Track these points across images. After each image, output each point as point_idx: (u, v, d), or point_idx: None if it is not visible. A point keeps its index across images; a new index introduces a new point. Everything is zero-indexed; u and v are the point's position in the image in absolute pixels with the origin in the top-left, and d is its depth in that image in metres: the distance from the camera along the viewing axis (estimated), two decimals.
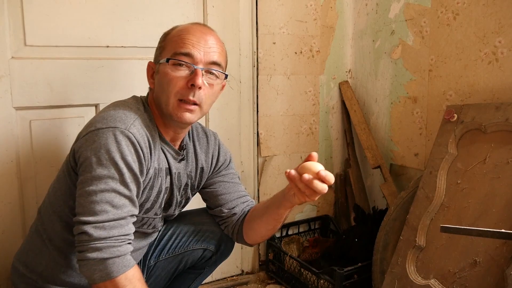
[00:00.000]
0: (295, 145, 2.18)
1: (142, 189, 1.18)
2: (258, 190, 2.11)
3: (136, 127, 1.14)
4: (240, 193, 1.44)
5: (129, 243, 1.10)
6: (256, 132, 2.07)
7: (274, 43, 2.04)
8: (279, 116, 2.11)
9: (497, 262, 1.38)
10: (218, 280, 2.06)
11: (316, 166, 1.07)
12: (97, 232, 1.04)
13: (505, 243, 1.38)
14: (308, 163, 1.08)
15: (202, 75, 1.18)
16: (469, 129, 1.60)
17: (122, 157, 1.09)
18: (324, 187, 1.06)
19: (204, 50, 1.19)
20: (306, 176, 1.05)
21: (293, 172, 1.08)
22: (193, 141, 1.39)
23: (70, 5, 1.57)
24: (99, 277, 1.04)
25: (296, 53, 2.11)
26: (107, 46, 1.66)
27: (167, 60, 1.18)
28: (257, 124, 2.06)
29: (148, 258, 1.47)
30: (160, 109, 1.23)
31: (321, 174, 1.05)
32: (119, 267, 1.05)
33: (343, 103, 2.27)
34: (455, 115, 1.64)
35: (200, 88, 1.17)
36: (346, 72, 2.29)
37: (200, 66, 1.18)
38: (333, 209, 2.34)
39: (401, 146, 2.05)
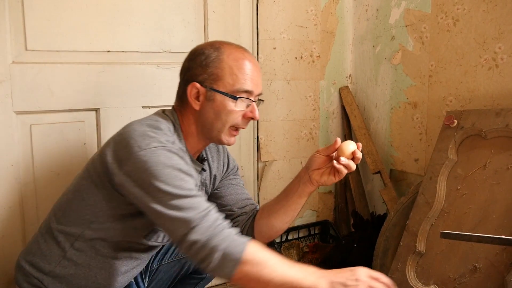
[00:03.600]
0: (295, 150, 2.17)
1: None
2: (258, 195, 2.11)
3: (176, 145, 1.18)
4: (247, 195, 1.47)
5: (226, 224, 1.09)
6: (256, 137, 2.07)
7: (274, 48, 2.05)
8: (279, 121, 2.11)
9: (497, 268, 1.38)
10: (218, 285, 2.06)
11: (350, 146, 1.23)
12: (199, 235, 1.03)
13: (505, 249, 1.37)
14: (344, 144, 1.23)
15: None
16: (469, 135, 1.60)
17: (179, 168, 1.10)
18: (354, 166, 1.25)
19: (258, 85, 1.25)
20: (343, 159, 1.22)
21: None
22: (205, 150, 1.41)
23: (71, 10, 1.58)
24: (232, 266, 1.02)
25: (296, 58, 2.11)
26: (108, 51, 1.67)
27: (235, 98, 1.20)
28: (257, 129, 2.07)
29: (151, 261, 1.47)
30: (204, 131, 1.25)
31: (357, 154, 1.22)
32: (237, 246, 1.03)
33: (343, 108, 2.27)
34: (455, 121, 1.64)
35: None
36: (346, 77, 2.29)
37: (255, 100, 1.25)
38: (333, 214, 2.34)
39: (401, 152, 2.05)
